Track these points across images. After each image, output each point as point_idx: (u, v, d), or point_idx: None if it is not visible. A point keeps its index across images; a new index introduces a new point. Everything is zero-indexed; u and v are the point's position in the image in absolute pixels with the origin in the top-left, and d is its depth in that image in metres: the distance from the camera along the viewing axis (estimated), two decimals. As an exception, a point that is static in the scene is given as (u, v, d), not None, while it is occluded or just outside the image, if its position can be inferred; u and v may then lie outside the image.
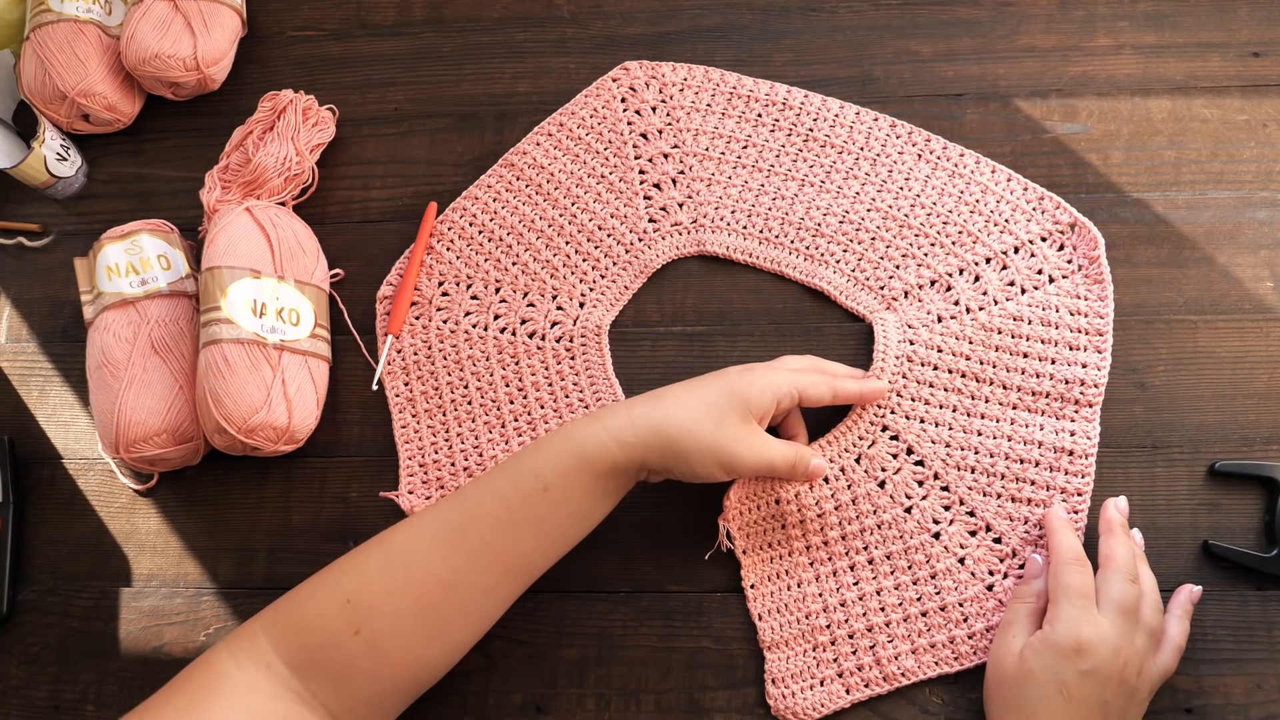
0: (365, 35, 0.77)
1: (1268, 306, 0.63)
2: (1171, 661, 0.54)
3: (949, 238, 0.65)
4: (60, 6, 0.72)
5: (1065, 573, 0.54)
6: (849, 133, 0.69)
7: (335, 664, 0.51)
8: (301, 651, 0.51)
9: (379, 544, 0.54)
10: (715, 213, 0.68)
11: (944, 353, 0.63)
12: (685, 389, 0.56)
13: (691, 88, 0.71)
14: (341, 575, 0.53)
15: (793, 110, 0.69)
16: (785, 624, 0.60)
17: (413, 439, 0.66)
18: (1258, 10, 0.69)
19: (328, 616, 0.52)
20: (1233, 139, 0.66)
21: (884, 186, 0.67)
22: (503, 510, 0.53)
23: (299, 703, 0.50)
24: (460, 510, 0.54)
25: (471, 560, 0.53)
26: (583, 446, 0.53)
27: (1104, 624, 0.52)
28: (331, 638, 0.51)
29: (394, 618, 0.52)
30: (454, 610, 0.54)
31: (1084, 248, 0.64)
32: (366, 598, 0.52)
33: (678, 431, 0.53)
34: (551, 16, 0.75)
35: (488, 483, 0.54)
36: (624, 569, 0.63)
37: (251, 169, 0.70)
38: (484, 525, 0.53)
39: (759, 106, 0.70)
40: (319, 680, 0.51)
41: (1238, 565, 0.58)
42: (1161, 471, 0.61)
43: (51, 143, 0.71)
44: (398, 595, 0.52)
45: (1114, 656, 0.51)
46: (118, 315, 0.65)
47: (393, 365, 0.68)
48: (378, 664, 0.52)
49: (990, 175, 0.66)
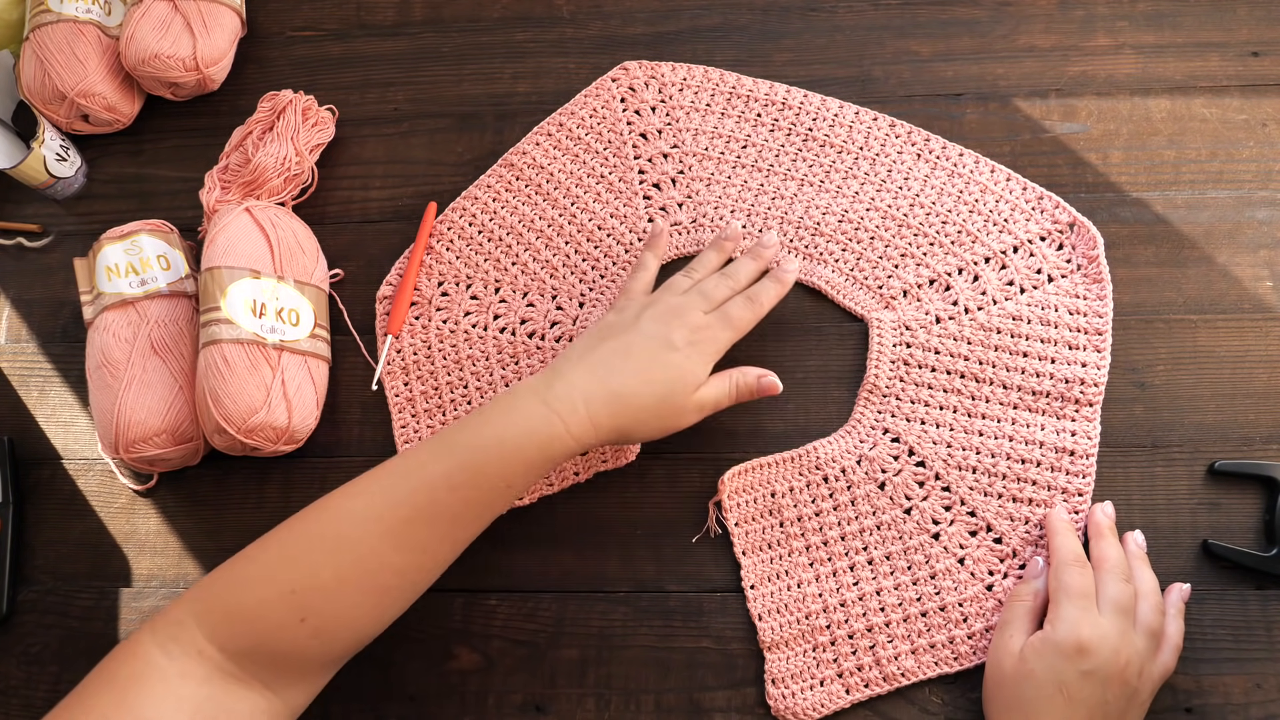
0: (365, 35, 0.77)
1: (1267, 306, 0.63)
2: (1171, 661, 0.54)
3: (948, 237, 0.65)
4: (60, 7, 0.72)
5: (1066, 573, 0.54)
6: (848, 132, 0.68)
7: (277, 649, 0.51)
8: (240, 639, 0.50)
9: (322, 532, 0.52)
10: (715, 212, 0.68)
11: (942, 354, 0.63)
12: (640, 380, 0.55)
13: (691, 87, 0.71)
14: (284, 565, 0.52)
15: (792, 110, 0.69)
16: (785, 624, 0.60)
17: (412, 438, 0.66)
18: (1257, 10, 0.69)
19: (271, 606, 0.50)
20: (1232, 139, 0.66)
21: (883, 186, 0.67)
22: (459, 502, 0.53)
23: (232, 681, 0.50)
24: (412, 504, 0.52)
25: (424, 550, 0.53)
26: (547, 447, 0.53)
27: (1104, 624, 0.52)
28: (275, 627, 0.50)
29: (342, 605, 0.52)
30: (405, 591, 0.54)
31: (1083, 247, 0.64)
32: (313, 589, 0.51)
33: (635, 428, 0.56)
34: (551, 17, 0.75)
35: (441, 470, 0.53)
36: (624, 569, 0.63)
37: (251, 169, 0.70)
38: (441, 519, 0.53)
39: (758, 106, 0.70)
40: (258, 663, 0.50)
41: (1237, 565, 0.58)
42: (1161, 471, 0.61)
43: (51, 143, 0.71)
44: (348, 586, 0.52)
45: (1114, 657, 0.51)
46: (117, 315, 0.65)
47: (392, 365, 0.68)
48: (323, 646, 0.52)
49: (990, 174, 0.66)
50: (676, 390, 0.56)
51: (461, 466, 0.53)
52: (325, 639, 0.51)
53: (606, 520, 0.64)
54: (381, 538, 0.52)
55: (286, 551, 0.52)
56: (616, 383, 0.55)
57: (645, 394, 0.55)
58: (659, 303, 0.59)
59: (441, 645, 0.63)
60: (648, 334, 0.57)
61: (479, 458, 0.53)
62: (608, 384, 0.55)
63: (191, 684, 0.49)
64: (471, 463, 0.53)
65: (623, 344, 0.56)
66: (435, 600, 0.63)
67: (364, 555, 0.52)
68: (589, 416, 0.54)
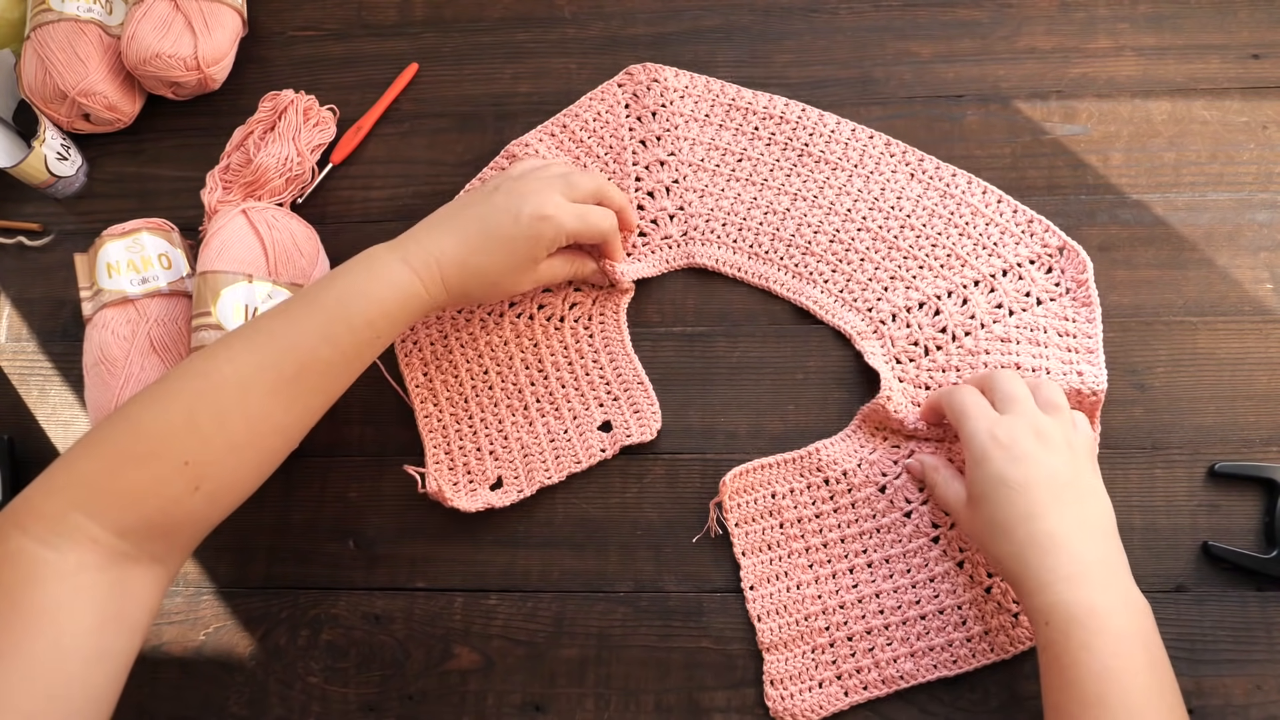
0: (366, 35, 0.77)
1: (1267, 308, 0.63)
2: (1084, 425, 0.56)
3: (938, 260, 0.65)
4: (61, 6, 0.72)
5: (952, 399, 0.57)
6: (844, 149, 0.68)
7: (174, 521, 0.51)
8: (135, 517, 0.49)
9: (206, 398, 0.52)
10: (706, 225, 0.68)
11: (934, 377, 0.63)
12: (487, 250, 0.59)
13: (692, 96, 0.71)
14: (173, 437, 0.50)
15: (790, 124, 0.69)
16: (784, 625, 0.60)
17: (436, 428, 0.66)
18: (1257, 12, 0.69)
19: (166, 480, 0.50)
20: (1232, 141, 0.67)
21: (875, 205, 0.67)
22: (337, 355, 0.55)
23: (128, 562, 0.49)
24: (293, 358, 0.53)
25: (306, 405, 0.55)
26: (407, 302, 0.57)
27: (1006, 417, 0.55)
28: (171, 500, 0.50)
29: (235, 469, 0.52)
30: (288, 445, 0.56)
31: (1072, 271, 0.64)
32: (206, 456, 0.51)
33: (477, 291, 0.60)
34: (552, 17, 0.75)
35: (314, 326, 0.54)
36: (624, 569, 0.63)
37: (253, 169, 0.70)
38: (318, 371, 0.54)
39: (756, 119, 0.70)
40: (152, 537, 0.50)
41: (1237, 566, 0.58)
42: (1161, 473, 0.61)
43: (52, 142, 0.71)
44: (240, 449, 0.52)
45: (1029, 431, 0.53)
46: (117, 313, 0.65)
47: (410, 357, 0.68)
48: (214, 510, 0.53)
49: (981, 197, 0.66)
50: (518, 264, 0.60)
51: (334, 319, 0.55)
52: (217, 503, 0.52)
53: (606, 520, 0.64)
54: (268, 397, 0.53)
55: (172, 422, 0.51)
56: (467, 249, 0.58)
57: (489, 264, 0.59)
58: (524, 178, 0.61)
59: (441, 645, 0.62)
60: (501, 207, 0.59)
61: (349, 311, 0.55)
62: (460, 250, 0.58)
63: (91, 573, 0.47)
64: (343, 316, 0.55)
65: (478, 214, 0.59)
66: (435, 600, 0.63)
67: (253, 417, 0.52)
68: (442, 278, 0.58)
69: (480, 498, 0.64)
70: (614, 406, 0.65)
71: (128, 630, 0.49)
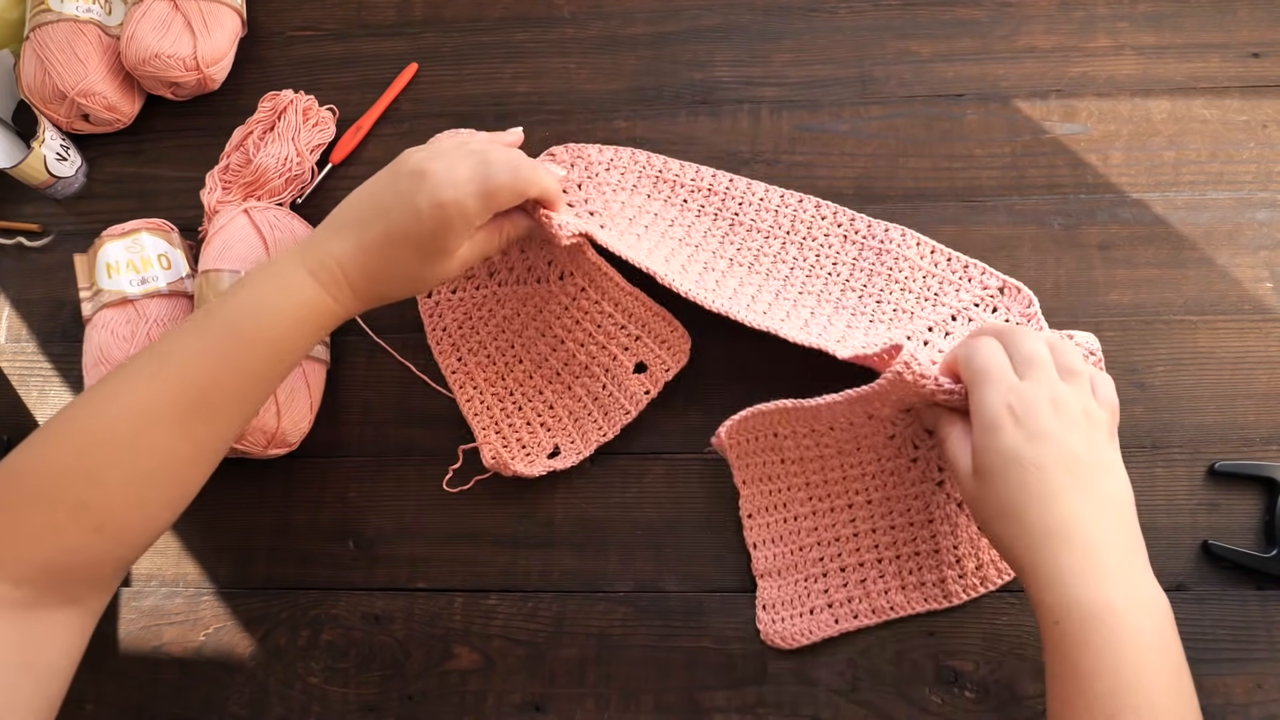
0: (365, 35, 0.77)
1: (1267, 307, 0.63)
2: (1108, 392, 0.51)
3: (886, 316, 0.64)
4: (60, 6, 0.72)
5: (969, 353, 0.51)
6: (774, 216, 0.67)
7: (79, 563, 0.48)
8: (32, 566, 0.47)
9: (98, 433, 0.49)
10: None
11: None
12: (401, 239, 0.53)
13: (617, 168, 0.69)
14: (64, 478, 0.48)
15: (718, 195, 0.68)
16: (779, 554, 0.61)
17: (480, 410, 0.66)
18: (1257, 11, 0.69)
19: (60, 525, 0.47)
20: (1232, 140, 0.66)
21: (813, 272, 0.65)
22: (238, 381, 0.51)
23: (32, 609, 0.47)
24: (192, 386, 0.50)
25: (213, 432, 0.51)
26: (314, 318, 0.53)
27: (1024, 385, 0.49)
28: (71, 544, 0.47)
29: (139, 506, 0.49)
30: (199, 472, 0.52)
31: (1018, 307, 0.63)
32: (103, 496, 0.48)
33: (398, 290, 0.56)
34: (551, 17, 0.75)
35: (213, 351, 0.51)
36: (624, 569, 0.63)
37: (252, 170, 0.70)
38: (220, 398, 0.51)
39: (685, 192, 0.68)
40: (55, 583, 0.47)
41: (1237, 565, 0.58)
42: (1161, 471, 0.61)
43: (51, 142, 0.71)
44: (141, 486, 0.49)
45: (1049, 406, 0.48)
46: (116, 314, 0.65)
47: (441, 344, 0.68)
48: (121, 548, 0.50)
49: (915, 249, 0.65)
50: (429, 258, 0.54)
51: (234, 343, 0.51)
52: (126, 540, 0.49)
53: (606, 520, 0.64)
54: (167, 429, 0.49)
55: (62, 461, 0.48)
56: (369, 252, 0.53)
57: (396, 264, 0.54)
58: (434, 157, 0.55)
59: (441, 645, 0.63)
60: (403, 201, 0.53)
61: (248, 334, 0.51)
62: (361, 254, 0.53)
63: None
64: (243, 339, 0.51)
65: (379, 208, 0.54)
66: (435, 600, 0.64)
67: (150, 449, 0.49)
68: (349, 285, 0.53)
69: (540, 464, 0.64)
70: (640, 346, 0.64)
71: (43, 677, 0.47)
